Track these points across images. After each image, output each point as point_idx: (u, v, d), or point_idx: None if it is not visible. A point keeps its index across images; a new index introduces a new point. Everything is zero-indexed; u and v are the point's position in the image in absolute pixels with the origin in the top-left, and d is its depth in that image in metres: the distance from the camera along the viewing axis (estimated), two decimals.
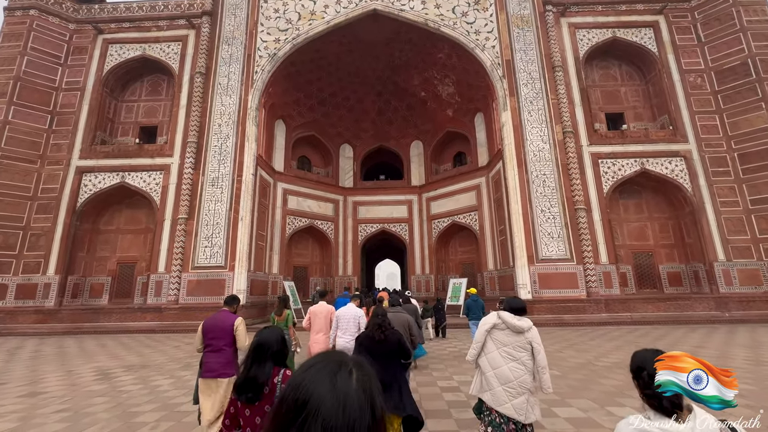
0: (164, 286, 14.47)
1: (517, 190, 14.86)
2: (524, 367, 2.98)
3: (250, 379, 1.79)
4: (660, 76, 16.51)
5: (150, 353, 9.16)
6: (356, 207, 21.26)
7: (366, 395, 0.62)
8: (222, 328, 3.44)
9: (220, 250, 14.59)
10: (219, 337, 3.41)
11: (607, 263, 14.42)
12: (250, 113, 16.06)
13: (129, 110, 17.89)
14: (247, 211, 15.12)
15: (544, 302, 13.72)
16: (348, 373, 0.63)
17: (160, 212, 15.32)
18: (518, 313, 3.20)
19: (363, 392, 0.62)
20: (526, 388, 2.94)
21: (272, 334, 1.97)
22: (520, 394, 2.92)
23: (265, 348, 1.91)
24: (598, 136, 15.73)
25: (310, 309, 5.50)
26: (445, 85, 19.73)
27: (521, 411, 2.91)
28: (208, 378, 3.31)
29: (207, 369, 3.33)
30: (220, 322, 3.49)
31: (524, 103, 15.82)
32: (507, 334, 3.06)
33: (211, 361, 3.35)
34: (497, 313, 3.19)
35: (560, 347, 9.09)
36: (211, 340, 3.42)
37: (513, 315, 3.10)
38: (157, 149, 16.15)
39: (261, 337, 1.96)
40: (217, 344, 3.39)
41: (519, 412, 2.90)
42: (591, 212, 14.83)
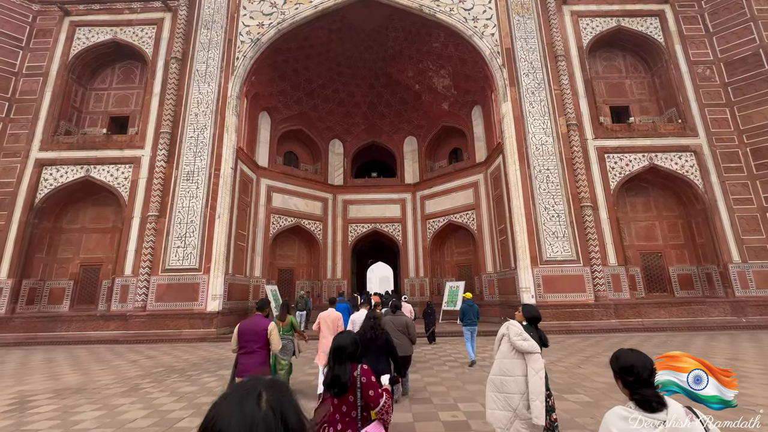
0: (131, 291, 13.03)
1: (519, 186, 13.78)
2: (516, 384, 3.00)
3: (335, 377, 2.08)
4: (667, 67, 15.65)
5: (98, 371, 7.78)
6: (346, 206, 20.01)
7: (276, 415, 0.64)
8: (256, 332, 3.71)
9: (195, 251, 13.21)
10: (253, 340, 3.66)
11: (615, 265, 13.40)
12: (230, 102, 14.76)
13: (98, 99, 16.43)
14: (225, 208, 13.78)
15: (550, 307, 12.61)
16: (256, 398, 0.66)
17: (128, 209, 13.89)
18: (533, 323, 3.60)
19: (272, 413, 0.64)
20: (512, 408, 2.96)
21: (347, 339, 2.22)
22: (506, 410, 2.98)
23: (342, 350, 2.16)
24: (603, 129, 14.77)
25: (320, 315, 5.84)
26: (440, 77, 18.66)
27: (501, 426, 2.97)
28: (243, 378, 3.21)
29: (243, 369, 3.61)
30: (254, 325, 3.77)
31: (525, 93, 14.81)
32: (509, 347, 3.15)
33: (247, 362, 3.61)
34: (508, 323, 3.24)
35: (576, 361, 7.95)
36: (246, 343, 3.68)
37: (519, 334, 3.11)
38: (126, 140, 14.73)
39: (338, 341, 2.20)
40: (251, 347, 3.64)
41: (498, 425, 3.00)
42: (598, 210, 13.81)
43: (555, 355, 8.65)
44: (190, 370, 7.69)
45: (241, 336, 3.75)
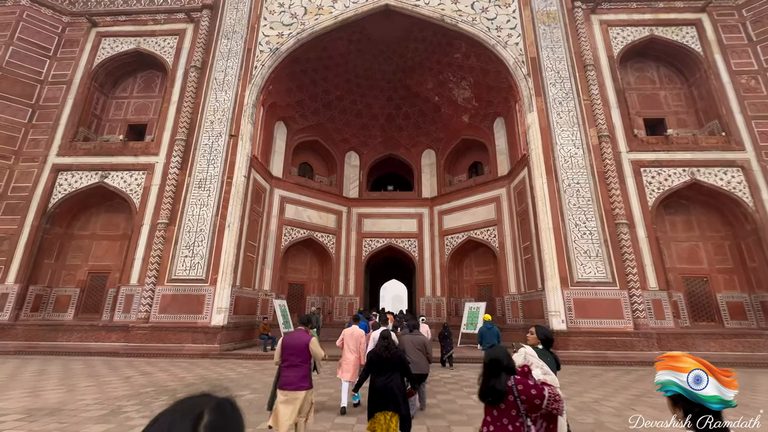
0: (135, 301, 12.52)
1: (546, 201, 12.81)
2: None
3: (490, 387, 2.19)
4: (706, 78, 14.64)
5: (85, 388, 7.09)
6: (361, 219, 19.34)
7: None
8: (298, 346, 3.80)
9: (202, 261, 12.67)
10: (296, 354, 3.77)
11: (656, 289, 12.10)
12: (246, 110, 14.52)
13: (118, 107, 16.55)
14: (236, 218, 13.28)
15: (582, 334, 11.37)
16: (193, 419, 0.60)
17: (138, 216, 13.58)
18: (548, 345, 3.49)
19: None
20: None
21: (501, 352, 2.32)
22: None
23: (497, 363, 2.25)
24: (638, 141, 13.75)
25: (344, 331, 6.15)
26: (461, 89, 18.13)
27: None
28: (287, 390, 3.71)
29: (286, 382, 3.73)
30: (296, 340, 3.86)
31: (552, 103, 14.02)
32: None
33: (290, 375, 3.74)
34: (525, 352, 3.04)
35: (626, 400, 6.78)
36: (289, 356, 3.80)
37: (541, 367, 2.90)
38: (142, 147, 14.61)
39: (493, 354, 2.30)
40: (294, 360, 3.76)
41: None
42: (635, 228, 12.65)
43: (597, 391, 7.50)
44: (184, 391, 6.90)
45: (284, 350, 3.90)
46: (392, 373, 3.99)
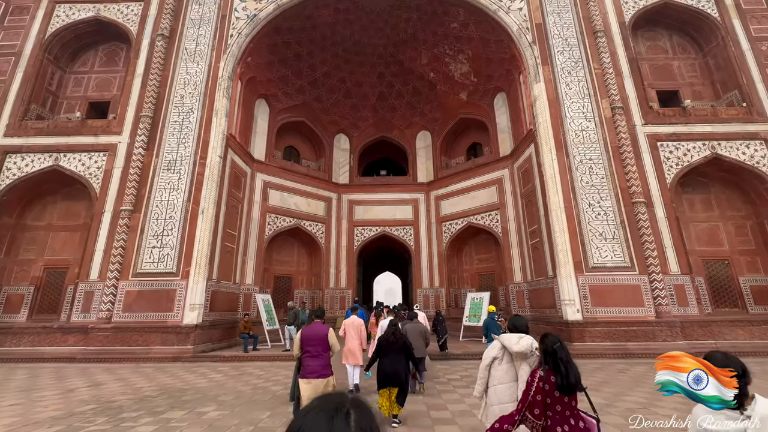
0: (96, 299, 10.99)
1: (557, 179, 11.61)
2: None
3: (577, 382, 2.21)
4: (723, 46, 13.53)
5: (7, 408, 5.64)
6: (352, 206, 17.95)
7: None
8: (319, 337, 4.06)
9: (172, 252, 11.18)
10: (316, 344, 4.03)
11: (678, 273, 11.05)
12: (221, 83, 12.94)
13: (77, 83, 14.75)
14: (211, 203, 11.78)
15: (600, 324, 10.26)
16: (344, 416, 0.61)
17: (98, 202, 11.98)
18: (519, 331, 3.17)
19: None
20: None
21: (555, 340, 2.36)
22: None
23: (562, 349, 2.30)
24: (654, 114, 12.60)
25: (344, 321, 6.57)
26: (458, 63, 16.74)
27: None
28: (311, 378, 3.95)
29: (309, 371, 3.97)
30: (316, 332, 4.11)
31: (561, 73, 12.77)
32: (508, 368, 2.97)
33: (312, 364, 3.99)
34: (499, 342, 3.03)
35: (678, 404, 5.60)
36: (310, 347, 4.04)
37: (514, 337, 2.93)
38: (102, 126, 12.93)
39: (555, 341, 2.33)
40: (315, 350, 4.02)
41: None
42: (653, 207, 11.54)
43: (636, 392, 6.33)
44: (132, 408, 5.52)
45: (305, 341, 4.08)
46: (398, 355, 4.80)
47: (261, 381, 7.50)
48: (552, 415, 2.19)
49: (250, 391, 6.58)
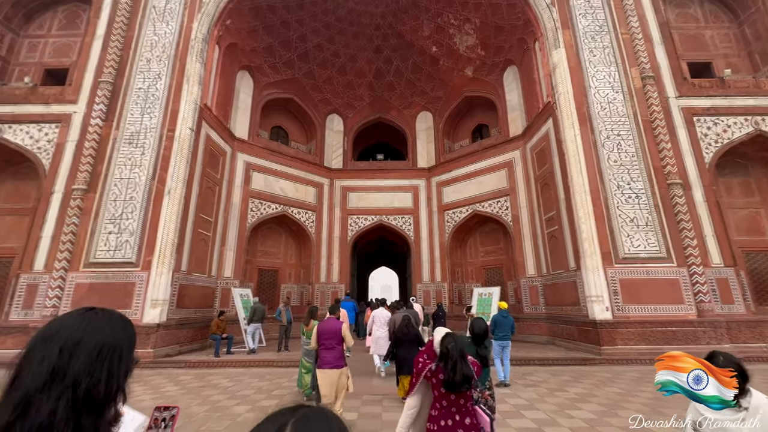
0: (40, 293, 9.32)
1: (581, 157, 10.07)
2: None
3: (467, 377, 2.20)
4: (764, 12, 12.02)
5: None
6: (346, 193, 16.32)
7: None
8: (333, 331, 4.39)
9: (132, 239, 9.51)
10: (331, 338, 4.36)
11: (720, 265, 9.60)
12: (194, 45, 11.23)
13: (32, 48, 12.93)
14: (179, 182, 10.10)
15: (633, 324, 8.78)
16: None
17: (48, 181, 10.28)
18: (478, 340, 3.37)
19: None
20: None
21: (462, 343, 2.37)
22: None
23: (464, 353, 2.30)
24: (689, 85, 11.09)
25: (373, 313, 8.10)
26: (464, 34, 15.10)
27: None
28: (326, 368, 4.29)
29: (325, 362, 4.31)
30: (331, 326, 4.44)
31: (584, 38, 11.21)
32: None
33: (327, 356, 4.33)
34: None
35: None
36: (326, 340, 4.38)
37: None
38: (55, 93, 11.17)
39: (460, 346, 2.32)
40: (330, 343, 4.36)
41: None
42: (690, 190, 10.05)
43: None
44: None
45: (321, 335, 4.40)
46: (410, 345, 5.65)
47: (224, 397, 5.91)
48: (439, 407, 2.26)
49: (204, 415, 4.99)
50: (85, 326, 0.73)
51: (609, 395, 5.94)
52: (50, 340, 0.69)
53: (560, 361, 8.70)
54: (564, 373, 7.66)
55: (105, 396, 0.70)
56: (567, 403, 5.51)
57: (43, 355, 0.67)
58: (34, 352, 0.68)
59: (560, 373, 7.67)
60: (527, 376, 7.45)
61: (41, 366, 0.66)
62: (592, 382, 6.89)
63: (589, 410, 5.14)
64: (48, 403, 0.63)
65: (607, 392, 6.12)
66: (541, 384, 6.75)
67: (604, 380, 7.03)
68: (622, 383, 6.73)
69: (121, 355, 0.75)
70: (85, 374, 0.68)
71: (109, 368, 0.71)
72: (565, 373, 7.66)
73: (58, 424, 0.62)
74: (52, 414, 0.62)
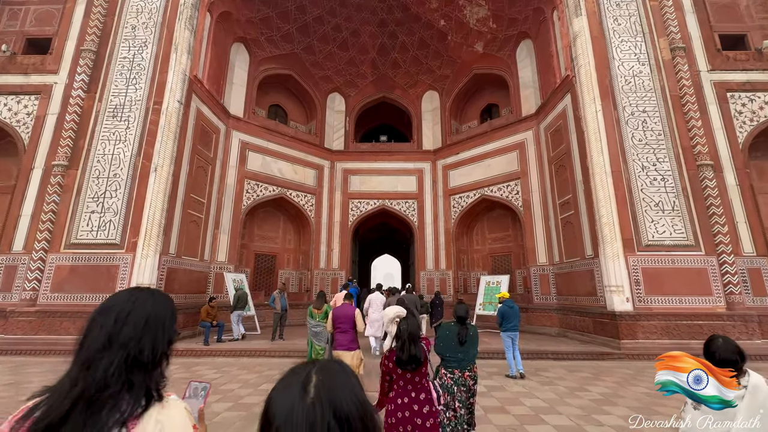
0: (19, 275, 8.78)
1: (602, 135, 9.23)
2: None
3: (413, 356, 2.48)
4: None
5: None
6: (347, 176, 15.57)
7: (322, 402, 0.60)
8: (347, 316, 4.74)
9: (116, 218, 8.87)
10: (345, 322, 4.70)
11: (753, 254, 8.86)
12: (183, 11, 10.36)
13: (13, 16, 12.08)
14: (167, 159, 9.40)
15: (656, 317, 8.08)
16: (302, 383, 0.63)
17: (27, 156, 9.64)
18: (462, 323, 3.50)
19: (318, 400, 0.60)
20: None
21: (414, 325, 2.64)
22: None
23: (415, 336, 2.57)
24: (722, 58, 10.16)
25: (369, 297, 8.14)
26: (474, 5, 14.06)
27: None
28: (340, 350, 4.60)
29: (339, 344, 4.65)
30: (345, 311, 4.79)
31: (608, 5, 10.22)
32: None
33: (341, 338, 4.65)
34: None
35: None
36: (340, 324, 4.69)
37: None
38: (35, 63, 10.45)
39: (411, 330, 2.58)
40: (344, 327, 4.69)
41: None
42: (722, 173, 9.23)
43: None
44: None
45: (335, 320, 4.72)
46: None
47: None
48: (396, 388, 2.50)
49: None
50: (134, 301, 0.87)
51: (637, 396, 5.29)
52: (107, 312, 0.84)
53: (576, 355, 8.05)
54: (581, 369, 7.01)
55: (151, 358, 0.83)
56: (592, 405, 4.86)
57: (102, 323, 0.82)
58: (96, 321, 0.83)
59: (577, 369, 7.02)
60: (541, 371, 6.80)
61: (101, 332, 0.81)
62: (614, 380, 6.23)
63: (619, 415, 4.48)
64: (104, 361, 0.78)
65: (634, 392, 5.46)
66: (558, 381, 6.11)
67: (627, 378, 6.38)
68: (648, 382, 6.07)
69: (164, 325, 0.89)
70: (135, 339, 0.82)
71: (153, 335, 0.85)
72: (582, 369, 7.01)
73: (111, 378, 0.77)
74: (107, 370, 0.77)
